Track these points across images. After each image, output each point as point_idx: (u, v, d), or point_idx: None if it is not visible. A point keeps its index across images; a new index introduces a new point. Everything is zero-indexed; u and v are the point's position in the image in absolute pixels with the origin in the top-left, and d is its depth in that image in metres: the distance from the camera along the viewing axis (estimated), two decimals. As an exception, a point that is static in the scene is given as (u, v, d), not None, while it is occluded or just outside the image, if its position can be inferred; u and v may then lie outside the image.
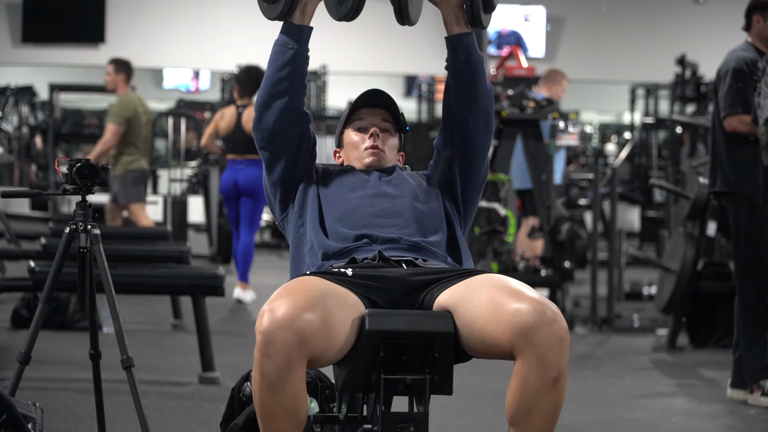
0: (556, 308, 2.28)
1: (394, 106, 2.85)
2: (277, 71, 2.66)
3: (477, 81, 2.71)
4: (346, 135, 2.85)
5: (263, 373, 2.23)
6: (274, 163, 2.72)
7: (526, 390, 2.26)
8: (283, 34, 2.68)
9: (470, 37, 2.72)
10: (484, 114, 2.73)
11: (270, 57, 2.68)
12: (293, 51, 2.66)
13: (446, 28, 2.74)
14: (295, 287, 2.33)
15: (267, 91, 2.67)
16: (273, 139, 2.69)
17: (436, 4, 2.74)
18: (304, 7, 2.67)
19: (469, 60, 2.70)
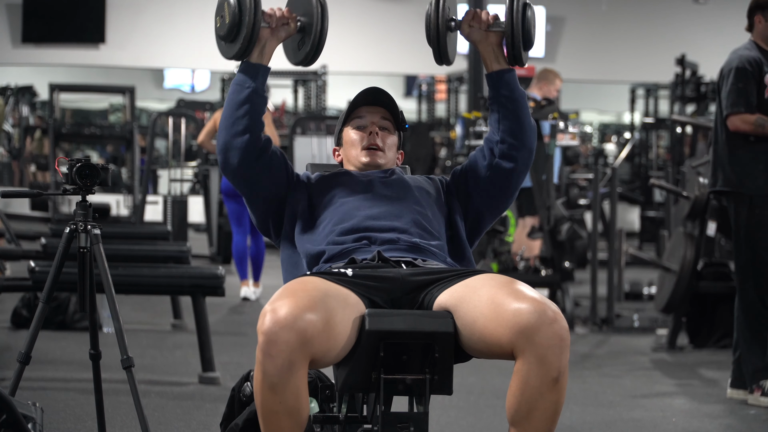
0: (556, 308, 2.28)
1: (393, 104, 2.85)
2: (235, 110, 2.67)
3: (522, 116, 2.72)
4: (345, 133, 2.85)
5: (265, 373, 2.23)
6: (254, 198, 2.73)
7: (526, 390, 2.26)
8: (240, 72, 2.69)
9: (512, 73, 2.74)
10: (528, 150, 2.74)
11: (227, 96, 2.70)
12: (249, 90, 2.67)
13: (486, 65, 2.75)
14: (296, 288, 2.33)
15: (226, 131, 2.67)
16: (243, 179, 2.70)
17: (474, 43, 2.75)
18: (262, 48, 2.69)
19: (512, 96, 2.72)
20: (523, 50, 2.70)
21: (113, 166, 11.96)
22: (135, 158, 10.75)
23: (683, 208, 6.17)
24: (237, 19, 2.63)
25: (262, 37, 2.67)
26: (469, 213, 2.79)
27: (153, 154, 11.12)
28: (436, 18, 2.68)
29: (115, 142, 12.88)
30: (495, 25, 2.71)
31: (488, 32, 2.71)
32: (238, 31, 2.64)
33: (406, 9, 13.93)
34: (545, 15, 14.24)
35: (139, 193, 9.97)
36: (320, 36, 2.69)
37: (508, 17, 2.66)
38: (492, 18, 2.71)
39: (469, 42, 2.76)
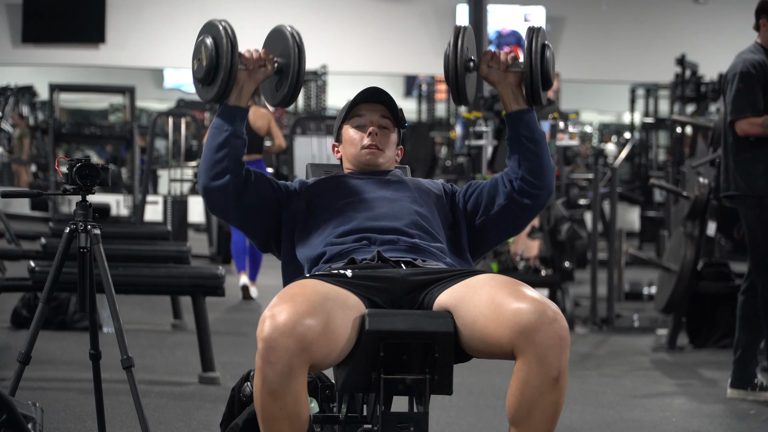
0: (556, 308, 2.29)
1: (392, 102, 2.85)
2: (214, 154, 2.66)
3: (543, 156, 2.72)
4: (345, 131, 2.85)
5: (265, 379, 2.23)
6: (250, 227, 2.74)
7: (526, 389, 2.27)
8: (218, 116, 2.69)
9: (532, 113, 2.73)
10: (548, 190, 2.73)
11: (207, 139, 2.70)
12: (227, 133, 2.67)
13: (504, 105, 2.74)
14: (295, 292, 2.33)
15: (206, 175, 2.67)
16: (232, 216, 2.71)
17: (492, 84, 2.74)
18: (240, 90, 2.68)
19: (532, 136, 2.71)
20: (542, 90, 2.69)
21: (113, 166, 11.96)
22: (135, 158, 10.75)
23: (683, 208, 6.17)
24: (214, 62, 2.62)
25: (239, 79, 2.67)
26: (473, 230, 2.79)
27: (153, 154, 11.11)
28: (455, 59, 2.66)
29: (115, 142, 12.88)
30: (514, 65, 2.71)
31: (507, 72, 2.71)
32: (215, 74, 2.63)
33: (406, 9, 13.93)
34: (545, 15, 14.25)
35: (139, 193, 9.97)
36: (297, 77, 2.67)
37: (527, 58, 2.66)
38: (511, 58, 2.71)
39: (487, 82, 2.76)
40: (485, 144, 6.98)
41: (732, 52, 4.51)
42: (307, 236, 2.69)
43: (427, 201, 2.76)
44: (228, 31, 2.62)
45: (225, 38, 2.61)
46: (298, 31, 2.70)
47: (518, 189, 2.72)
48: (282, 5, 13.76)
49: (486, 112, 7.02)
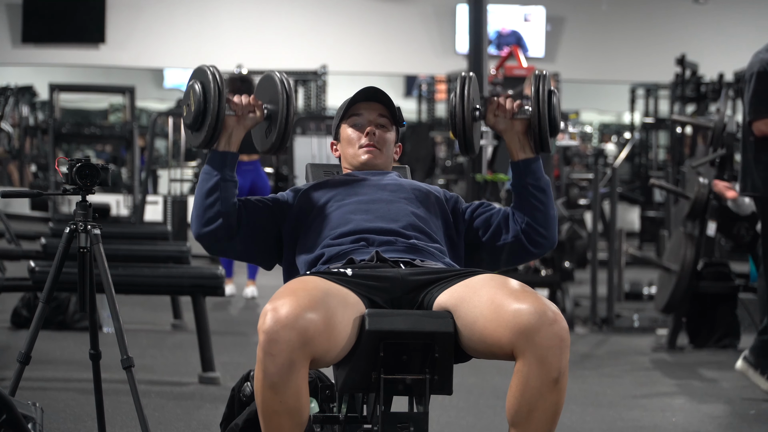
0: (556, 309, 2.28)
1: (389, 101, 2.85)
2: (205, 199, 2.67)
3: (549, 206, 2.72)
4: (343, 130, 2.86)
5: (266, 372, 2.23)
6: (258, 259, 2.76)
7: (526, 390, 2.26)
8: (207, 162, 2.70)
9: (539, 162, 2.73)
10: (552, 240, 2.73)
11: (197, 184, 2.71)
12: (217, 178, 2.67)
13: (511, 153, 2.74)
14: (297, 287, 2.33)
15: (198, 220, 2.68)
16: (230, 253, 2.73)
17: (499, 132, 2.73)
18: (229, 136, 2.69)
19: (539, 185, 2.71)
20: (550, 137, 2.69)
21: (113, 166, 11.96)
22: (135, 158, 10.74)
23: (683, 208, 6.17)
24: (202, 107, 2.63)
25: (228, 125, 2.67)
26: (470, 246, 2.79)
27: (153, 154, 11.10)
28: (462, 109, 2.66)
29: (115, 142, 12.88)
30: (520, 112, 2.70)
31: (514, 120, 2.70)
32: (203, 119, 2.64)
33: (406, 9, 13.92)
34: (545, 15, 14.25)
35: (139, 193, 9.97)
36: (285, 124, 2.68)
37: (535, 106, 2.65)
38: (517, 106, 2.70)
39: (493, 130, 2.76)
40: (485, 144, 6.98)
41: (732, 52, 4.51)
42: (305, 240, 2.69)
43: (425, 202, 2.75)
44: (216, 77, 2.62)
45: (212, 84, 2.62)
46: (288, 78, 2.71)
47: (524, 235, 2.72)
48: (282, 5, 13.75)
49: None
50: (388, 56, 14.03)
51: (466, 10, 8.08)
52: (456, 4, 13.61)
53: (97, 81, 15.38)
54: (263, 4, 13.80)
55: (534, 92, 2.65)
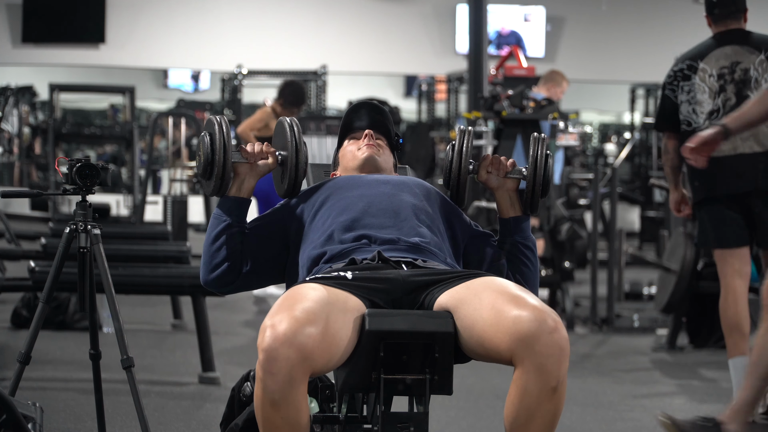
0: (557, 317, 2.28)
1: (386, 123, 2.87)
2: (212, 244, 2.71)
3: (534, 263, 2.77)
4: (342, 152, 2.90)
5: (266, 389, 2.23)
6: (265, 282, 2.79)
7: (525, 398, 2.26)
8: (218, 206, 2.74)
9: (528, 221, 2.78)
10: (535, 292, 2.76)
11: (208, 227, 2.75)
12: (225, 224, 2.71)
13: (500, 210, 2.79)
14: (295, 300, 2.32)
15: (207, 266, 2.72)
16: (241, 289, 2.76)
17: (491, 189, 2.79)
18: (241, 183, 2.73)
19: (525, 243, 2.76)
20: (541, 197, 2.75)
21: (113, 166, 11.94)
22: (135, 158, 10.74)
23: (683, 208, 6.16)
24: (210, 158, 2.69)
25: (240, 172, 2.72)
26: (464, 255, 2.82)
27: (153, 154, 11.11)
28: (459, 165, 2.73)
29: (115, 142, 12.88)
30: (513, 172, 2.75)
31: (506, 179, 2.76)
32: (211, 169, 2.70)
33: (406, 9, 13.92)
34: (545, 15, 14.25)
35: (139, 193, 9.97)
36: (296, 169, 2.73)
37: (532, 167, 2.70)
38: (510, 165, 2.75)
39: (485, 186, 2.81)
40: (485, 144, 6.97)
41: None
42: (306, 235, 2.70)
43: (428, 197, 2.76)
44: (222, 128, 2.68)
45: (218, 135, 2.68)
46: (298, 124, 2.75)
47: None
48: (282, 5, 13.75)
49: (486, 112, 7.02)
50: (388, 56, 14.02)
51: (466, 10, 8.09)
52: (456, 4, 13.60)
53: (97, 81, 15.38)
54: (263, 4, 13.79)
55: (533, 154, 2.71)
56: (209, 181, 2.74)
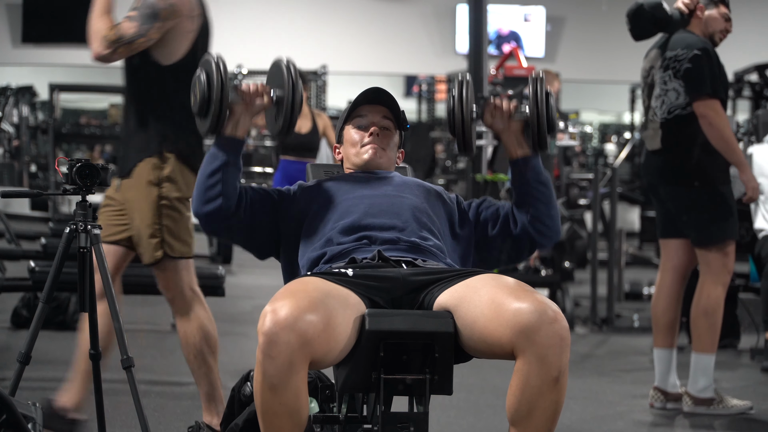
0: (556, 308, 2.29)
1: (394, 103, 2.86)
2: (207, 179, 2.71)
3: (552, 200, 2.78)
4: (346, 132, 2.87)
5: (265, 373, 2.23)
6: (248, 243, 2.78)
7: (527, 389, 2.26)
8: (214, 145, 2.74)
9: (538, 158, 2.79)
10: (557, 233, 2.79)
11: (202, 164, 2.75)
12: (220, 162, 2.71)
13: (509, 152, 2.79)
14: (297, 288, 2.33)
15: (199, 199, 2.71)
16: (227, 235, 2.76)
17: (497, 132, 2.80)
18: (236, 122, 2.74)
19: (539, 179, 2.77)
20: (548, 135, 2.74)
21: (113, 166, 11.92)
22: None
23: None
24: (206, 95, 2.69)
25: (236, 111, 2.73)
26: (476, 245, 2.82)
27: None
28: (461, 110, 2.72)
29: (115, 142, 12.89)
30: (517, 113, 2.76)
31: (511, 121, 2.76)
32: (207, 107, 2.70)
33: (406, 9, 13.93)
34: (545, 15, 14.25)
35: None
36: (292, 108, 2.72)
37: (533, 107, 2.70)
38: (513, 107, 2.76)
39: (491, 130, 2.81)
40: (485, 144, 6.98)
41: (730, 51, 4.51)
42: (306, 237, 2.70)
43: (429, 198, 2.77)
44: (219, 65, 2.69)
45: (216, 72, 2.68)
46: (295, 64, 2.75)
47: (530, 230, 2.78)
48: (282, 5, 13.76)
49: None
50: (388, 56, 14.04)
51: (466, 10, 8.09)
52: (456, 4, 13.61)
53: (97, 81, 15.40)
54: (263, 4, 13.80)
55: (532, 94, 2.70)
56: (204, 119, 2.73)
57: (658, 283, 4.54)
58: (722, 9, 4.44)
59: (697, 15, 4.43)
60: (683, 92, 4.32)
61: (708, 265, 4.36)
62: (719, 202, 4.34)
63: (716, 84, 4.28)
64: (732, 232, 4.37)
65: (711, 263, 4.36)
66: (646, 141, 4.50)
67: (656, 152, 4.43)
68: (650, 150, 4.48)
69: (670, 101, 4.36)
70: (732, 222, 4.36)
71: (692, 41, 4.34)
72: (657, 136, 4.42)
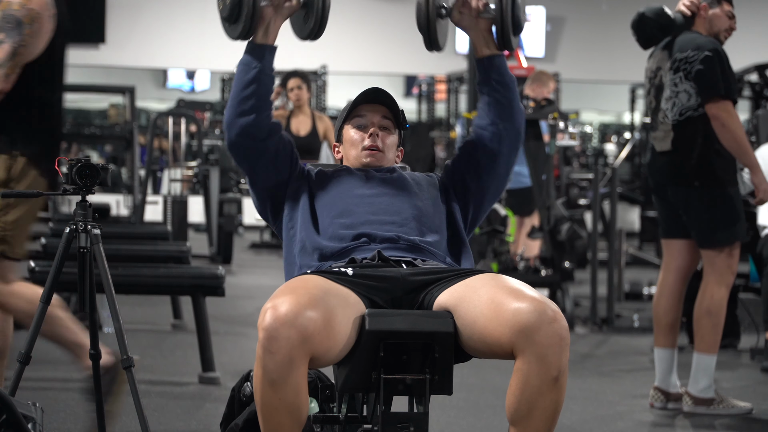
0: (556, 307, 2.29)
1: (393, 103, 2.86)
2: (242, 90, 2.70)
3: (512, 99, 2.78)
4: (346, 131, 2.87)
5: (265, 369, 2.23)
6: (256, 176, 2.76)
7: (526, 389, 2.27)
8: (246, 53, 2.73)
9: (502, 58, 2.79)
10: (517, 131, 2.80)
11: (235, 76, 2.73)
12: (256, 70, 2.70)
13: (476, 51, 2.80)
14: (297, 285, 2.34)
15: (233, 111, 2.70)
16: (248, 155, 2.73)
17: (464, 30, 2.80)
18: (267, 27, 2.71)
19: (502, 80, 2.77)
20: (513, 35, 2.75)
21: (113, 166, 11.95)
22: (135, 158, 10.74)
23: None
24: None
25: (265, 15, 2.70)
26: (468, 203, 2.82)
27: (153, 154, 11.10)
28: (426, 5, 2.73)
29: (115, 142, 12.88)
30: (485, 11, 2.77)
31: (479, 18, 2.77)
32: (239, 10, 2.67)
33: (406, 9, 13.92)
34: (545, 15, 14.25)
35: (139, 193, 9.98)
36: (323, 9, 2.70)
37: (498, 4, 2.72)
38: (482, 5, 2.76)
39: (459, 28, 2.81)
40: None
41: (731, 51, 4.50)
42: (308, 221, 2.69)
43: (427, 195, 2.77)
44: None
45: None
46: None
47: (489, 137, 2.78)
48: (282, 5, 13.75)
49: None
50: (388, 56, 14.03)
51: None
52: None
53: (97, 81, 15.39)
54: (263, 4, 13.80)
55: None
56: (235, 24, 2.69)
57: (660, 282, 4.54)
58: (726, 7, 4.44)
59: (701, 15, 4.43)
60: (695, 94, 4.32)
61: (713, 265, 4.36)
62: (728, 204, 4.34)
63: (729, 85, 4.28)
64: (740, 233, 4.37)
65: (716, 264, 4.35)
66: (656, 142, 4.49)
67: (666, 153, 4.42)
68: (660, 151, 4.47)
69: (682, 103, 4.36)
70: (740, 224, 4.36)
71: (702, 42, 4.34)
72: (668, 137, 4.41)
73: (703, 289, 4.37)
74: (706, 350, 4.37)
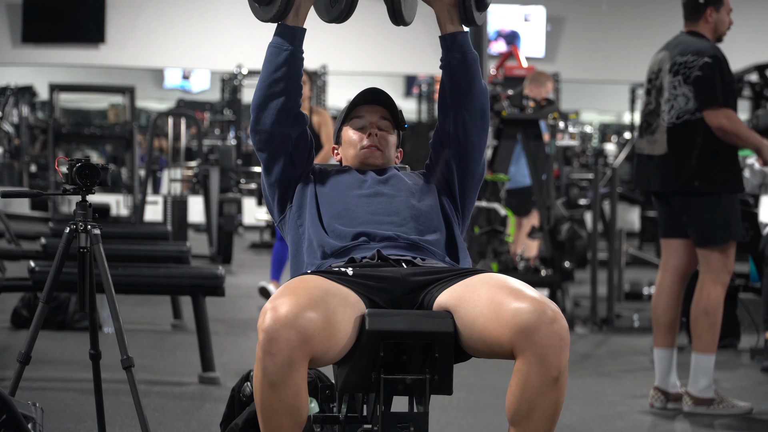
0: (556, 307, 2.29)
1: (392, 103, 2.86)
2: (273, 72, 2.69)
3: (473, 79, 2.74)
4: (345, 132, 2.87)
5: (265, 370, 2.23)
6: (273, 164, 2.75)
7: (526, 389, 2.27)
8: (278, 35, 2.72)
9: (465, 35, 2.76)
10: (480, 112, 2.76)
11: (265, 59, 2.72)
12: (288, 52, 2.70)
13: (440, 26, 2.77)
14: (297, 286, 2.34)
15: (263, 92, 2.70)
16: (271, 140, 2.72)
17: (429, 3, 2.79)
18: (297, 9, 2.71)
19: (464, 58, 2.74)
20: (477, 10, 2.73)
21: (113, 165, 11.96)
22: (135, 158, 10.75)
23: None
24: None
25: None
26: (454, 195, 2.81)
27: (153, 154, 11.11)
28: None
29: (115, 142, 12.89)
30: None
31: None
32: None
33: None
34: (545, 15, 14.25)
35: (139, 193, 9.98)
36: None
37: None
38: None
39: (424, 2, 2.79)
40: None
41: (730, 51, 4.51)
42: (315, 221, 2.69)
43: (425, 196, 2.77)
44: None
45: None
46: None
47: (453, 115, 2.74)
48: None
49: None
50: (388, 56, 14.03)
51: (466, 10, 8.07)
52: (456, 4, 13.61)
53: (97, 81, 15.40)
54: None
55: None
56: (269, 6, 2.68)
57: (659, 282, 4.55)
58: (726, 5, 4.48)
59: (707, 19, 4.46)
60: (693, 98, 4.33)
61: (708, 264, 4.37)
62: (724, 205, 4.35)
63: (727, 93, 4.30)
64: (735, 233, 4.37)
65: (712, 263, 4.36)
66: (649, 145, 4.51)
67: (661, 156, 4.44)
68: (655, 154, 4.48)
69: (680, 106, 4.37)
70: (735, 223, 4.37)
71: (703, 47, 4.36)
72: (663, 140, 4.42)
73: (700, 289, 4.38)
74: (704, 350, 4.38)
